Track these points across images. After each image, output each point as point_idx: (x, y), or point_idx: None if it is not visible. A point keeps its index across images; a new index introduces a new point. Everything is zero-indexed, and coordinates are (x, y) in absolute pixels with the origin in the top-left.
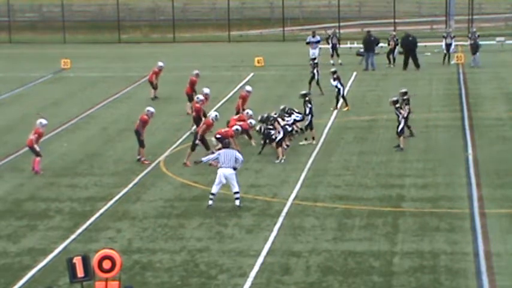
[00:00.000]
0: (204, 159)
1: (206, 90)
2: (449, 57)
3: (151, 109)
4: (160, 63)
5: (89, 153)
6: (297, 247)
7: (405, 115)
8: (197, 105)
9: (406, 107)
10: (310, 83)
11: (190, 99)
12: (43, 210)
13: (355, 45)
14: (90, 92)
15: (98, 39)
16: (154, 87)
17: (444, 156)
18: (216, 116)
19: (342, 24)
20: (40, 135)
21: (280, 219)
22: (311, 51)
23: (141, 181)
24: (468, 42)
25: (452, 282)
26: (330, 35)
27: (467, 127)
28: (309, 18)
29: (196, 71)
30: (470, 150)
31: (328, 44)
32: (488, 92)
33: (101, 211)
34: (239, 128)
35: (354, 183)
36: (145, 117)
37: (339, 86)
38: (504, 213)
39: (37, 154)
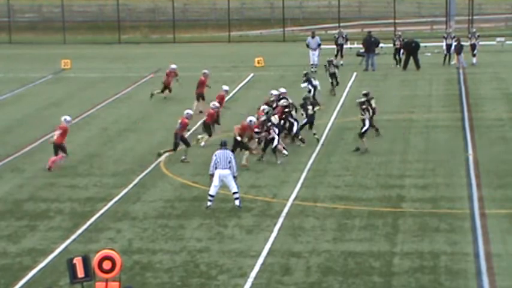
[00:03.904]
0: (210, 171)
1: (225, 88)
2: (449, 58)
3: (191, 112)
4: (174, 65)
5: (89, 154)
6: (297, 247)
7: (369, 116)
8: (211, 110)
9: (373, 105)
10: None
11: (198, 98)
12: (43, 210)
13: (355, 45)
14: (90, 92)
15: (98, 40)
16: (169, 89)
17: (444, 157)
18: (251, 121)
19: (342, 24)
20: (66, 132)
21: (281, 220)
22: (311, 52)
23: (141, 181)
24: (468, 43)
25: (452, 282)
26: (336, 36)
27: (467, 127)
28: (309, 19)
29: (205, 71)
30: (470, 151)
31: (336, 45)
32: (489, 93)
33: (101, 211)
34: (253, 119)
35: (354, 184)
36: (186, 120)
37: (310, 87)
38: (504, 213)
39: (64, 151)
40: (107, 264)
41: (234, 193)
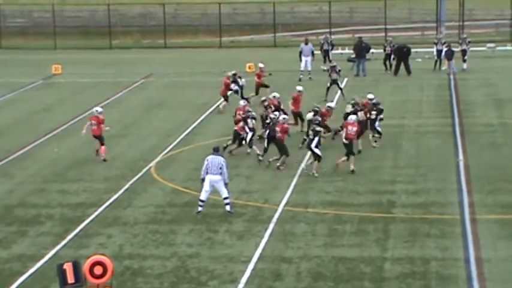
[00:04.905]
0: (201, 176)
1: (299, 88)
2: (440, 64)
3: (287, 117)
4: (261, 64)
5: (79, 159)
6: (288, 253)
7: None
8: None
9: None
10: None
11: (225, 100)
12: (33, 216)
13: (346, 51)
14: (81, 97)
15: (89, 45)
16: (265, 86)
17: (435, 162)
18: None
19: (333, 30)
20: (102, 122)
21: (271, 225)
22: (303, 58)
23: (132, 187)
24: (459, 49)
25: None
26: (321, 42)
27: (458, 133)
28: (300, 24)
29: (229, 73)
30: (461, 156)
31: (321, 51)
32: (479, 98)
33: (92, 217)
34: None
35: (345, 189)
36: (286, 126)
37: (237, 87)
38: (495, 219)
39: (102, 141)
40: (98, 270)
41: (225, 198)
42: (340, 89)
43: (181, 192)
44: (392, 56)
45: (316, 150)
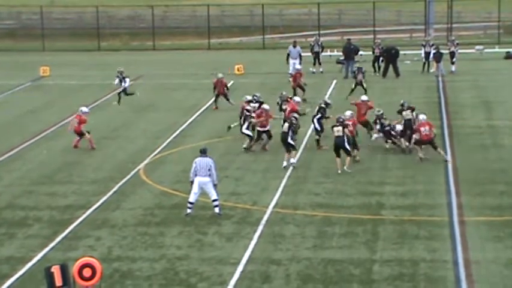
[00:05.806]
0: (190, 178)
1: (364, 98)
2: (428, 66)
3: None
4: (298, 66)
5: (68, 161)
6: (277, 255)
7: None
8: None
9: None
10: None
11: (216, 99)
12: (22, 218)
13: (335, 53)
14: (70, 99)
15: (77, 47)
16: (302, 89)
17: (423, 164)
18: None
19: (321, 32)
20: (82, 121)
21: (260, 227)
22: (291, 61)
23: (121, 189)
24: (447, 51)
25: None
26: (311, 44)
27: (446, 135)
28: (289, 26)
29: (220, 74)
30: (449, 158)
31: (312, 53)
32: (468, 100)
33: (80, 219)
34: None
35: (334, 191)
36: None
37: (124, 84)
38: (483, 221)
39: (82, 134)
40: (87, 272)
41: (214, 200)
42: (365, 89)
43: (170, 194)
44: (380, 58)
45: (347, 146)
